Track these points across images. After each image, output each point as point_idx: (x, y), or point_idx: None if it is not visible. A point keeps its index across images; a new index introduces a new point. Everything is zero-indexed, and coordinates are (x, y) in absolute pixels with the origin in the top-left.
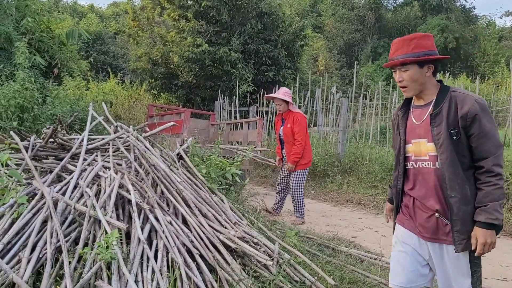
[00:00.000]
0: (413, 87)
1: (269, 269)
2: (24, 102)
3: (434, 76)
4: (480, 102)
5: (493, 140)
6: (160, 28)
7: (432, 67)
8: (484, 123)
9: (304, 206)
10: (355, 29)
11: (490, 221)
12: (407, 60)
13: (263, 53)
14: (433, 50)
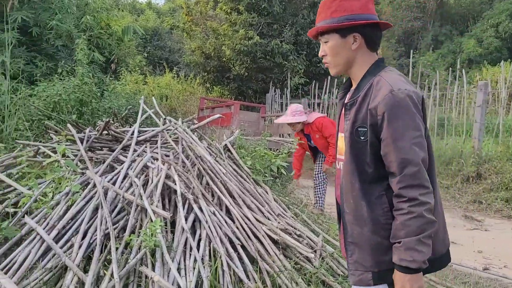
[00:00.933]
0: (335, 63)
1: (311, 261)
2: (83, 96)
3: (372, 51)
4: (396, 95)
5: (400, 153)
6: (213, 22)
7: (360, 38)
8: (394, 126)
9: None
10: (415, 17)
11: (404, 263)
12: (322, 28)
13: (315, 44)
14: (361, 13)
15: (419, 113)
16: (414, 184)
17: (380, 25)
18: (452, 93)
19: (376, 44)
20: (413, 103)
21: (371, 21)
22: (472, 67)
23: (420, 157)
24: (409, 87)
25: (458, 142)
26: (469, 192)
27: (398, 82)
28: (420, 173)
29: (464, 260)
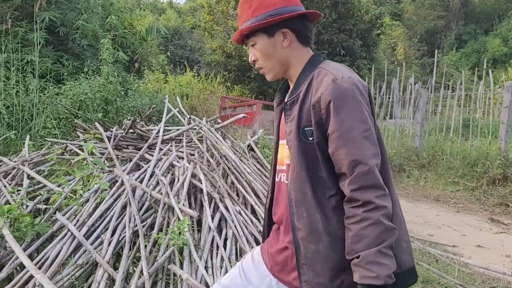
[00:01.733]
0: (269, 66)
1: None
2: (108, 95)
3: (306, 45)
4: (340, 84)
5: (349, 149)
6: (234, 21)
7: (290, 33)
8: (339, 118)
9: None
10: (438, 15)
11: (367, 281)
12: (246, 30)
13: (337, 43)
14: (286, 6)
15: (367, 104)
16: (367, 185)
17: (309, 16)
18: (476, 93)
19: (308, 37)
20: (359, 92)
21: (298, 13)
22: (497, 67)
23: (371, 153)
24: (354, 75)
25: (484, 144)
26: (495, 194)
27: (340, 70)
28: (374, 172)
29: (491, 264)
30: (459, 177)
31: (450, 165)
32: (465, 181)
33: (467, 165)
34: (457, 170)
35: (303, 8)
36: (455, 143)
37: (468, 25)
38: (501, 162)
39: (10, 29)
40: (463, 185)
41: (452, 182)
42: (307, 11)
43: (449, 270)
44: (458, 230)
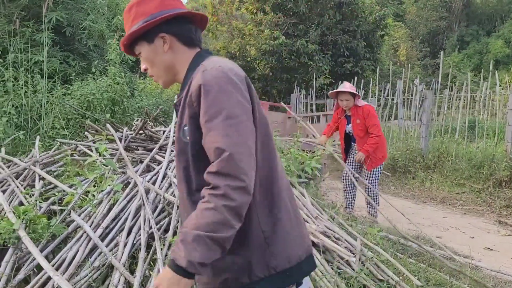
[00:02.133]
0: (157, 74)
1: (351, 265)
2: (115, 96)
3: (191, 47)
4: (209, 72)
5: (214, 135)
6: (238, 22)
7: (169, 37)
8: (207, 104)
9: (379, 202)
10: (440, 17)
11: (173, 255)
12: (125, 40)
13: (341, 44)
14: (159, 11)
15: (241, 93)
16: (223, 172)
17: (191, 17)
18: (480, 95)
19: (191, 38)
20: (229, 80)
21: (170, 15)
22: (499, 68)
23: (235, 141)
24: (227, 65)
25: (490, 146)
26: (501, 197)
27: (215, 62)
28: (234, 160)
29: (502, 267)
30: (465, 179)
31: (455, 167)
32: (471, 183)
33: (473, 167)
34: (463, 172)
35: (181, 10)
36: (461, 144)
37: (470, 27)
38: (507, 164)
39: (17, 29)
40: (469, 187)
41: (458, 184)
42: (178, 12)
43: (460, 273)
44: (466, 232)
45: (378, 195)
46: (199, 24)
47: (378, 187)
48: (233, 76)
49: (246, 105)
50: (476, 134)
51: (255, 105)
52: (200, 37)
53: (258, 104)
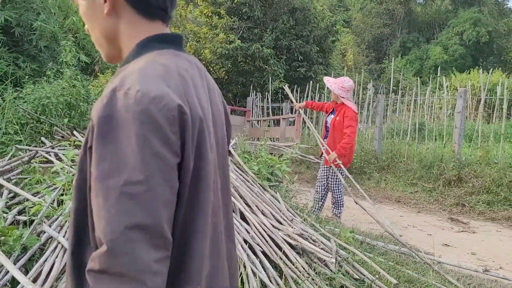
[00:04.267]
0: (99, 42)
1: (328, 266)
2: (71, 99)
3: (151, 20)
4: (119, 97)
5: (100, 205)
6: (193, 25)
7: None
8: (100, 152)
9: (343, 204)
10: (384, 24)
11: None
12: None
13: (295, 49)
14: None
15: (164, 138)
16: (109, 270)
17: None
18: (424, 98)
19: (151, 7)
20: (150, 119)
21: None
22: (439, 74)
23: (131, 224)
24: (158, 87)
25: (438, 147)
26: (451, 195)
27: (141, 74)
28: (119, 255)
29: (461, 262)
30: (417, 178)
31: (408, 167)
32: (423, 182)
33: (424, 167)
34: (415, 172)
35: None
36: (412, 146)
37: (411, 34)
38: (455, 164)
39: None
40: (421, 187)
41: (411, 184)
42: None
43: (426, 269)
44: (423, 230)
45: (341, 197)
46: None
47: (342, 188)
48: (158, 113)
49: (168, 158)
50: (426, 136)
51: (203, 153)
52: (166, 7)
53: (205, 150)
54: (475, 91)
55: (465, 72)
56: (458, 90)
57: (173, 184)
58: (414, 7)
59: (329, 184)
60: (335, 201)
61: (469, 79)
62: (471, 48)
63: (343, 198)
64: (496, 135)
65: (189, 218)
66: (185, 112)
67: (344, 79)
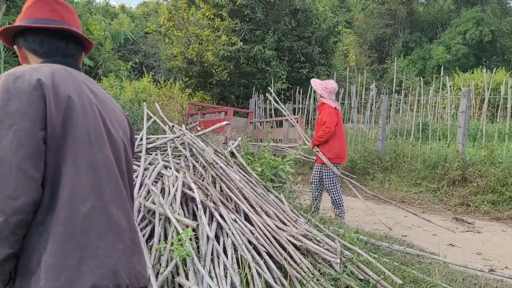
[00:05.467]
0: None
1: (333, 267)
2: None
3: (47, 57)
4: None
5: None
6: (195, 28)
7: (19, 49)
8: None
9: (343, 205)
10: (386, 24)
11: None
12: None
13: (297, 50)
14: (19, 21)
15: (28, 98)
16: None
17: (43, 29)
18: (427, 98)
19: (42, 49)
20: (7, 87)
21: (7, 27)
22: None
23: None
24: (24, 70)
25: (442, 147)
26: (456, 195)
27: (17, 68)
28: None
29: (466, 262)
30: (421, 178)
31: (411, 168)
32: (427, 182)
33: (428, 167)
34: (419, 172)
35: (35, 22)
36: (416, 146)
37: (414, 34)
38: (459, 164)
39: None
40: (426, 187)
41: (415, 184)
42: (13, 25)
43: (431, 269)
44: (428, 230)
45: (339, 196)
46: (59, 34)
47: (337, 186)
48: (16, 84)
49: (28, 112)
50: (430, 136)
51: (71, 127)
52: (54, 53)
53: (68, 123)
54: (479, 90)
55: (468, 72)
56: (462, 90)
57: (33, 132)
58: (416, 7)
59: (324, 185)
60: (333, 201)
61: (473, 79)
62: (474, 47)
63: (341, 196)
64: (500, 134)
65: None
66: (43, 82)
67: (328, 81)
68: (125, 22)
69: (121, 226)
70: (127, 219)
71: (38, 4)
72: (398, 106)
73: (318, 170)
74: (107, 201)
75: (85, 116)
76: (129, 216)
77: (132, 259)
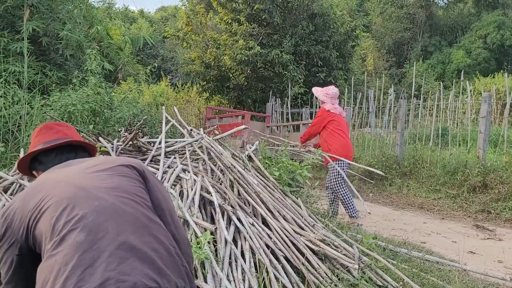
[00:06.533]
0: None
1: (351, 272)
2: (96, 106)
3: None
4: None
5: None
6: (213, 32)
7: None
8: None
9: (354, 204)
10: (405, 28)
11: None
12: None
13: (314, 54)
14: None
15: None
16: None
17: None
18: (447, 103)
19: (42, 164)
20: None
21: (24, 157)
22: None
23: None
24: (11, 204)
25: (462, 152)
26: (476, 201)
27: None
28: None
29: (487, 270)
30: (440, 184)
31: (431, 173)
32: (446, 188)
33: (447, 173)
34: (438, 178)
35: (44, 145)
36: (435, 151)
37: (433, 37)
38: (480, 170)
39: None
40: (445, 193)
41: (434, 190)
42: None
43: (451, 276)
44: (447, 237)
45: (346, 196)
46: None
47: (343, 186)
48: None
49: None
50: (450, 141)
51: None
52: (69, 158)
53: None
54: (500, 95)
55: (489, 76)
56: (483, 95)
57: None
58: (436, 11)
59: (330, 185)
60: (342, 202)
61: (494, 83)
62: (495, 51)
63: (349, 195)
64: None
65: None
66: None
67: (329, 87)
68: (143, 27)
69: None
70: None
71: (43, 131)
72: (416, 111)
73: (329, 175)
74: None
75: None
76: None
77: None
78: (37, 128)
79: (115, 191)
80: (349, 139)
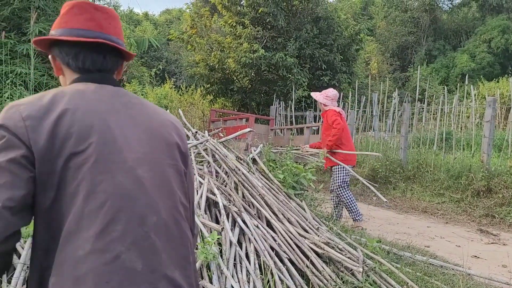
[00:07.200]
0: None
1: (355, 275)
2: None
3: (77, 71)
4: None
5: None
6: (217, 35)
7: (53, 59)
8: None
9: (357, 208)
10: (409, 32)
11: None
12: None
13: (318, 58)
14: (56, 29)
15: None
16: None
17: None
18: (451, 107)
19: (76, 63)
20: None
21: (39, 38)
22: (466, 82)
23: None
24: (25, 102)
25: (466, 156)
26: (480, 206)
27: (25, 99)
28: None
29: (491, 275)
30: (444, 189)
31: (434, 177)
32: (450, 193)
33: (451, 177)
34: (442, 182)
35: (70, 32)
36: (439, 155)
37: (437, 41)
38: (484, 174)
39: (2, 40)
40: (449, 197)
41: (438, 194)
42: (47, 37)
43: (455, 281)
44: (451, 241)
45: (350, 200)
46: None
47: (346, 190)
48: (11, 115)
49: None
50: (454, 146)
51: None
52: (89, 69)
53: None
54: (504, 99)
55: (493, 81)
56: (487, 99)
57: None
58: (440, 15)
59: (333, 189)
60: (345, 205)
61: (498, 88)
62: (499, 55)
63: (353, 199)
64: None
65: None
66: (81, 128)
67: (328, 89)
68: (148, 29)
69: None
70: None
71: (75, 11)
72: (420, 115)
73: (332, 177)
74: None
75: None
76: None
77: None
78: (70, 1)
79: (170, 201)
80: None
